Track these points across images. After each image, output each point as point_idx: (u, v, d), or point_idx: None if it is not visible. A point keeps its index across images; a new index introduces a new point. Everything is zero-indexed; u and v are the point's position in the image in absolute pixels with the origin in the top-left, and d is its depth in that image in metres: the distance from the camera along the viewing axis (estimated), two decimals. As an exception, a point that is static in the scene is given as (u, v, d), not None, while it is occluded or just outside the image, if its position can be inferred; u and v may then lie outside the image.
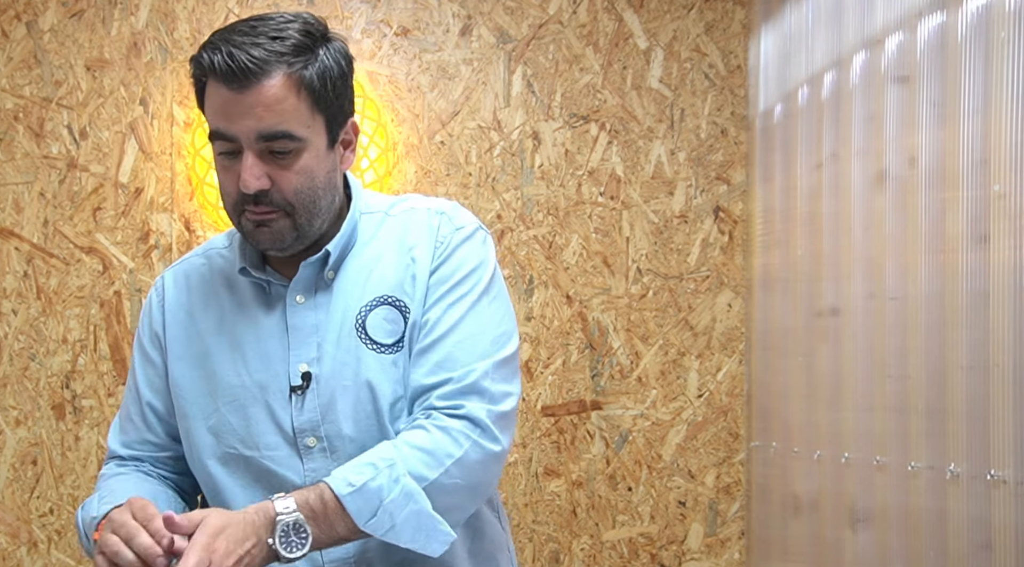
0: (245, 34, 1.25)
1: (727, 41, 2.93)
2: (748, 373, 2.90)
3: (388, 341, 1.30)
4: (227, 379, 1.34)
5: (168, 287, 1.43)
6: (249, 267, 1.35)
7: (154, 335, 1.42)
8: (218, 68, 1.22)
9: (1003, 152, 1.70)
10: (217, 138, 1.26)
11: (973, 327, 1.78)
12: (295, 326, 1.33)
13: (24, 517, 2.79)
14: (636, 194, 2.90)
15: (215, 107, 1.25)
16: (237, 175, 1.26)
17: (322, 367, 1.30)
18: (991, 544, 1.74)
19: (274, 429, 1.31)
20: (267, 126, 1.24)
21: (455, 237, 1.34)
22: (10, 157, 2.81)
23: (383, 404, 1.30)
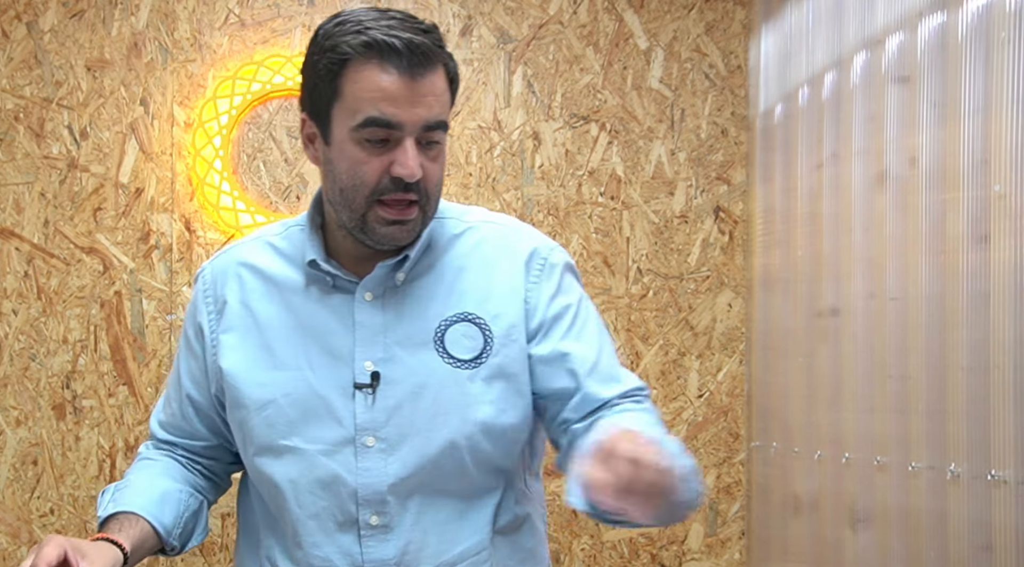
0: (399, 21, 1.24)
1: (727, 41, 2.93)
2: (748, 373, 2.90)
3: (466, 357, 1.31)
4: (287, 371, 1.32)
5: (217, 278, 1.41)
6: (319, 260, 1.33)
7: (198, 327, 1.40)
8: (398, 50, 1.20)
9: (1004, 152, 1.70)
10: (374, 125, 1.22)
11: (974, 327, 1.78)
12: (362, 323, 1.32)
13: (24, 517, 2.79)
14: (636, 194, 2.90)
15: (382, 92, 1.22)
16: (383, 164, 1.24)
17: (390, 369, 1.30)
18: (991, 545, 1.74)
19: (332, 424, 1.30)
20: (434, 116, 1.24)
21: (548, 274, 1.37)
22: (10, 157, 2.81)
23: (451, 416, 1.30)
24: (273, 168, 2.85)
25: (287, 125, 2.86)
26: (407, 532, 1.30)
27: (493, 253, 1.36)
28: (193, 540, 1.40)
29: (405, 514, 1.30)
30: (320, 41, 1.27)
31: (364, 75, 1.22)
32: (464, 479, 1.32)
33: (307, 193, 2.86)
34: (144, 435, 2.80)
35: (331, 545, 1.30)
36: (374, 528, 1.30)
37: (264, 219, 2.81)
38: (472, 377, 1.30)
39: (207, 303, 1.40)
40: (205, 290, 1.41)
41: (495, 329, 1.32)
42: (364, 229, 1.28)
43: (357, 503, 1.30)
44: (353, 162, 1.25)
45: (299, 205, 2.85)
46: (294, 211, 2.84)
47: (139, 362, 2.81)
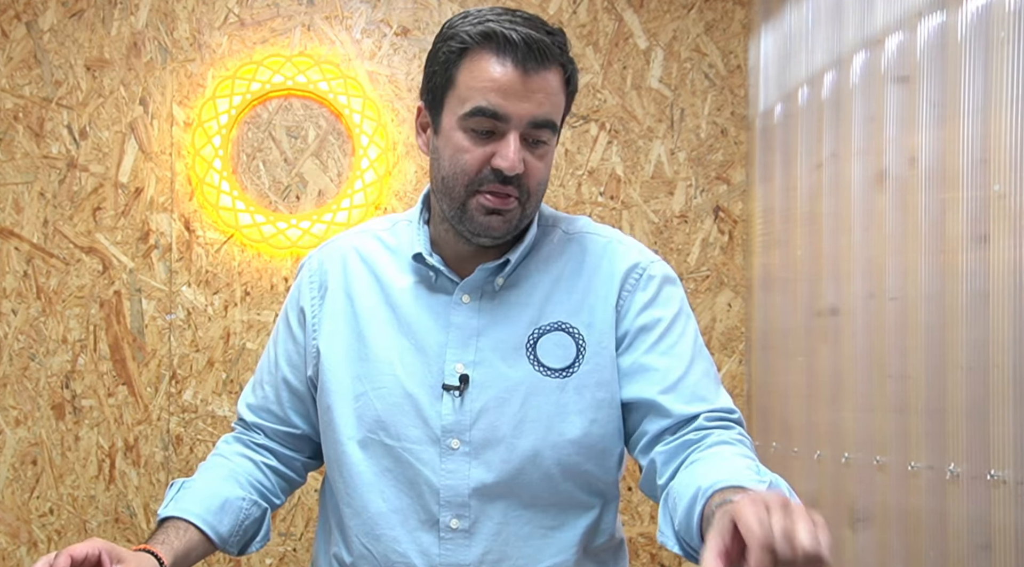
0: (523, 19, 1.25)
1: (727, 41, 2.93)
2: (748, 373, 2.90)
3: (557, 366, 1.30)
4: (378, 365, 1.33)
5: (323, 265, 1.41)
6: (425, 254, 1.33)
7: (300, 311, 1.41)
8: (516, 44, 1.21)
9: (1003, 152, 1.70)
10: (481, 114, 1.23)
11: (973, 327, 1.78)
12: (457, 325, 1.32)
13: (24, 517, 2.79)
14: (636, 194, 2.90)
15: (493, 82, 1.22)
16: (485, 154, 1.24)
17: (481, 373, 1.30)
18: (991, 544, 1.74)
19: (418, 423, 1.30)
20: (543, 113, 1.24)
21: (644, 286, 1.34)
22: (10, 157, 2.81)
23: (538, 425, 1.29)
24: (272, 168, 2.85)
25: (286, 125, 2.86)
26: (487, 540, 1.29)
27: (593, 264, 1.35)
28: (253, 546, 1.41)
29: (487, 521, 1.29)
30: (444, 31, 1.29)
31: (478, 64, 1.24)
32: (554, 492, 1.30)
33: (306, 192, 2.86)
34: (143, 435, 2.81)
35: (410, 542, 1.30)
36: (454, 531, 1.29)
37: (263, 219, 2.81)
38: (562, 386, 1.30)
39: (311, 287, 1.41)
40: (311, 275, 1.42)
41: (588, 339, 1.31)
42: (463, 218, 1.28)
43: (439, 504, 1.29)
44: (457, 150, 1.26)
45: (298, 205, 2.85)
46: (293, 211, 2.84)
47: (138, 362, 2.81)
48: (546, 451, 1.29)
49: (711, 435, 1.25)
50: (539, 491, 1.30)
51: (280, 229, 2.82)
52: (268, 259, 2.83)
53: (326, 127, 2.86)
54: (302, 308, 1.41)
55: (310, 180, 2.86)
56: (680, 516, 1.14)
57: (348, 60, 2.86)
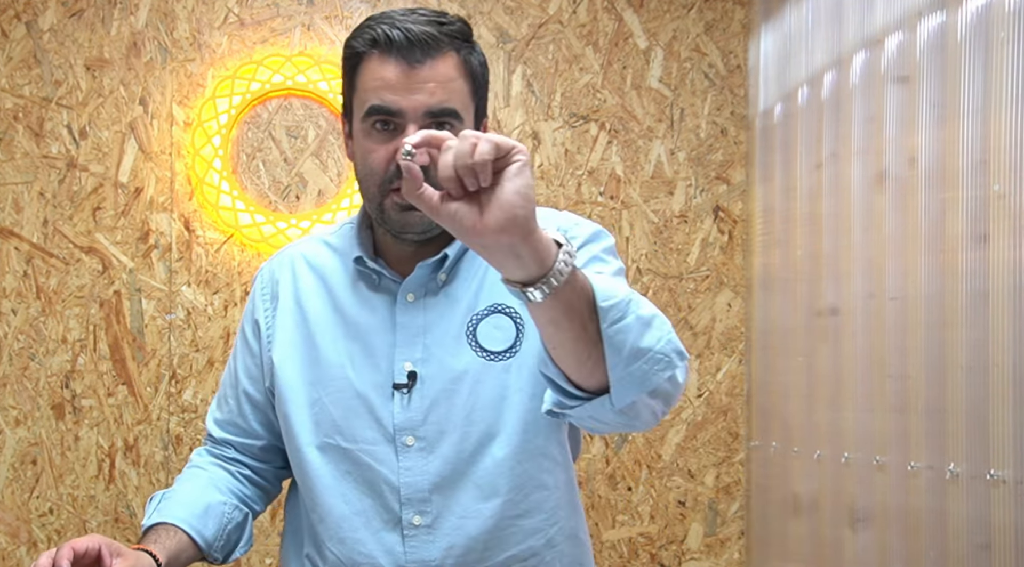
0: (410, 14, 1.27)
1: (727, 41, 2.93)
2: (748, 373, 2.90)
3: (499, 348, 1.31)
4: (330, 370, 1.34)
5: (274, 275, 1.44)
6: (366, 257, 1.35)
7: (255, 323, 1.43)
8: (396, 41, 1.24)
9: (1003, 152, 1.70)
10: (378, 113, 1.26)
11: (973, 327, 1.78)
12: (403, 324, 1.33)
13: (24, 517, 2.79)
14: (636, 194, 2.90)
15: (382, 81, 1.26)
16: (389, 152, 1.26)
17: (427, 368, 1.31)
18: (991, 544, 1.74)
19: (372, 424, 1.32)
20: (437, 102, 1.25)
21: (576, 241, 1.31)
22: (10, 157, 2.81)
23: (488, 410, 1.30)
24: (272, 167, 2.85)
25: (286, 125, 2.86)
26: (451, 534, 1.29)
27: None
28: (237, 551, 1.42)
29: (450, 516, 1.30)
30: (347, 41, 1.33)
31: (369, 67, 1.27)
32: (513, 477, 1.31)
33: (306, 192, 2.86)
34: (143, 435, 2.80)
35: (375, 543, 1.30)
36: (417, 528, 1.30)
37: (263, 218, 2.81)
38: (507, 368, 1.30)
39: (264, 299, 1.43)
40: (263, 287, 1.44)
41: (525, 315, 1.31)
42: (383, 218, 1.30)
43: (400, 502, 1.30)
44: (364, 152, 1.29)
45: (298, 205, 2.85)
46: (293, 211, 2.84)
47: (138, 362, 2.81)
48: (498, 434, 1.30)
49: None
50: (499, 479, 1.30)
51: (280, 229, 2.82)
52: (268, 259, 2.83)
53: (326, 127, 2.86)
54: (256, 320, 1.43)
55: (310, 180, 2.86)
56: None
57: (348, 60, 2.86)
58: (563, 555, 1.36)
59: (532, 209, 0.93)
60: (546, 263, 0.96)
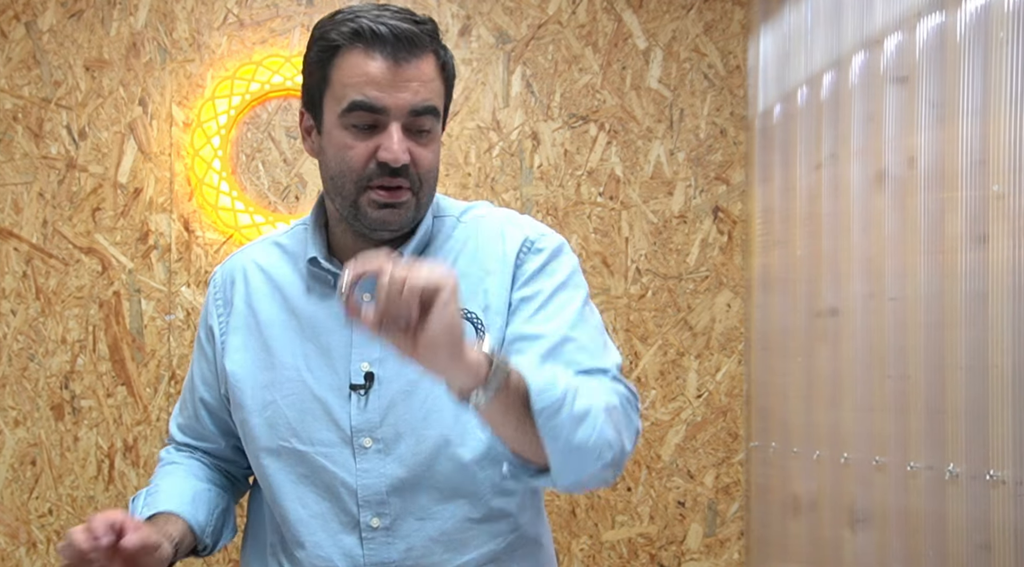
0: (384, 11, 1.26)
1: (726, 41, 2.93)
2: (747, 373, 2.90)
3: None
4: (285, 372, 1.33)
5: (225, 280, 1.42)
6: (320, 257, 1.33)
7: (208, 329, 1.42)
8: (382, 37, 1.23)
9: (1002, 152, 1.70)
10: (360, 109, 1.24)
11: (972, 327, 1.79)
12: (360, 324, 1.31)
13: (23, 518, 2.79)
14: (635, 194, 2.90)
15: (366, 77, 1.24)
16: (369, 149, 1.25)
17: (385, 369, 1.29)
18: (990, 544, 1.74)
19: (330, 426, 1.30)
20: (421, 100, 1.25)
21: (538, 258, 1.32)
22: (9, 157, 2.81)
23: (444, 413, 1.29)
24: (272, 168, 2.85)
25: (286, 125, 2.85)
26: (409, 536, 1.29)
27: (487, 246, 1.34)
28: (224, 539, 1.41)
29: (408, 517, 1.29)
30: (314, 33, 1.31)
31: (350, 61, 1.25)
32: (473, 482, 1.30)
33: (305, 193, 2.86)
34: (142, 435, 2.80)
35: (333, 546, 1.30)
36: (375, 530, 1.29)
37: (263, 219, 2.81)
38: None
39: (217, 305, 1.42)
40: (215, 292, 1.42)
41: (487, 322, 1.30)
42: (357, 215, 1.28)
43: (358, 504, 1.29)
44: (340, 148, 1.26)
45: (298, 205, 2.85)
46: (293, 211, 2.84)
47: (138, 362, 2.81)
48: (455, 439, 1.29)
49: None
50: (459, 482, 1.29)
51: (279, 229, 2.81)
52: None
53: (325, 127, 2.86)
54: (210, 326, 1.41)
55: (309, 180, 2.86)
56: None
57: (347, 60, 2.86)
58: (524, 559, 1.35)
59: (457, 338, 1.03)
60: (479, 376, 1.07)
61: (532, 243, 1.33)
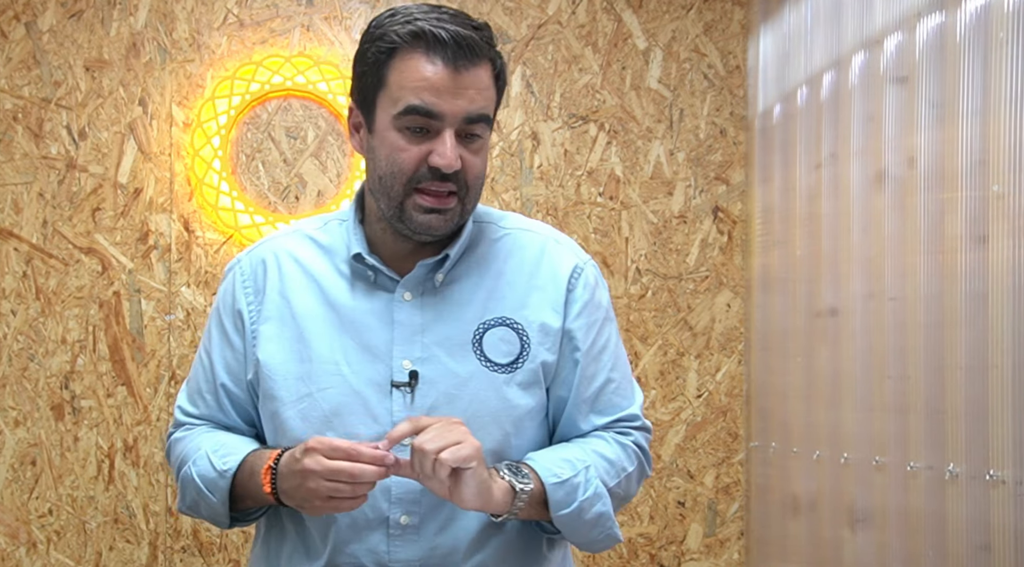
0: (450, 16, 1.26)
1: (726, 41, 2.93)
2: (747, 373, 2.90)
3: (503, 361, 1.32)
4: (322, 365, 1.32)
5: (255, 267, 1.40)
6: (364, 253, 1.33)
7: (236, 315, 1.39)
8: (444, 42, 1.23)
9: (1002, 152, 1.70)
10: (416, 113, 1.24)
11: (972, 327, 1.79)
12: (401, 322, 1.32)
13: (23, 518, 2.79)
14: (635, 194, 2.90)
15: (425, 81, 1.24)
16: (422, 152, 1.25)
17: (428, 369, 1.30)
18: (990, 545, 1.74)
19: (367, 421, 1.30)
20: (476, 108, 1.25)
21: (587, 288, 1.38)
22: (9, 158, 2.81)
23: (487, 419, 1.30)
24: (272, 168, 2.85)
25: (286, 125, 2.86)
26: (436, 535, 1.30)
27: (533, 261, 1.37)
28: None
29: (436, 517, 1.29)
30: (371, 31, 1.29)
31: (409, 64, 1.25)
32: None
33: (305, 193, 2.86)
34: (142, 435, 2.80)
35: (359, 543, 1.29)
36: (404, 528, 1.29)
37: (263, 219, 2.81)
38: (508, 381, 1.31)
39: (246, 292, 1.39)
40: (243, 279, 1.40)
41: (532, 336, 1.33)
42: (402, 217, 1.29)
43: (390, 501, 1.29)
44: (393, 149, 1.27)
45: (297, 205, 2.85)
46: (293, 211, 2.84)
47: (138, 362, 2.81)
48: (493, 444, 1.30)
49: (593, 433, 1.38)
50: None
51: (279, 230, 2.81)
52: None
53: (325, 128, 2.86)
54: (239, 311, 1.38)
55: (309, 181, 2.86)
56: None
57: (347, 61, 2.86)
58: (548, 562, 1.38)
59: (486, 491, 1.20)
60: (506, 504, 1.24)
61: (581, 270, 1.38)
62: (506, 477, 1.24)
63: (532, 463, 1.28)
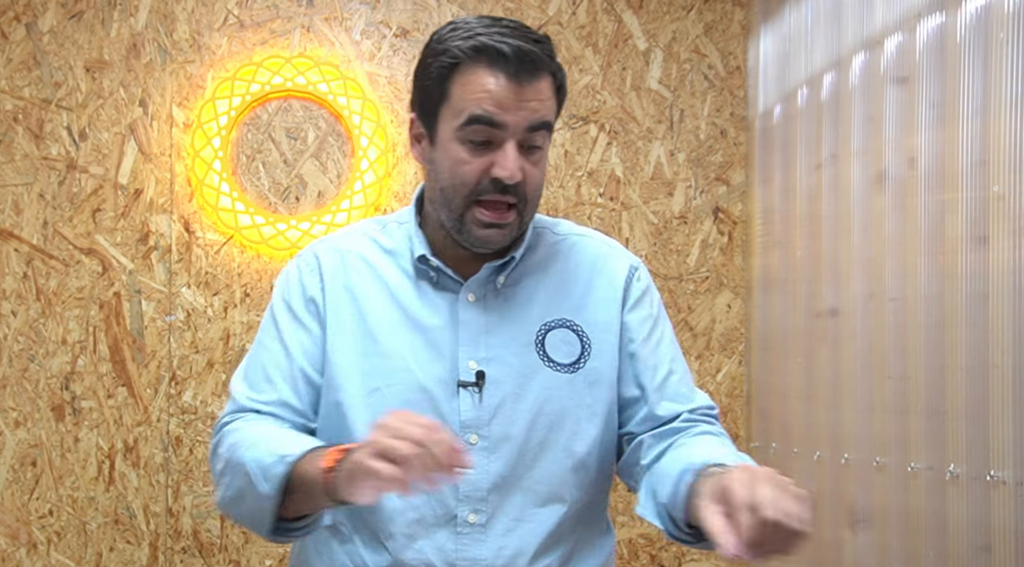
0: (511, 29, 1.28)
1: (726, 42, 2.93)
2: (748, 374, 2.90)
3: (565, 361, 1.35)
4: (391, 361, 1.33)
5: (320, 260, 1.40)
6: (429, 255, 1.36)
7: (310, 301, 1.38)
8: (506, 56, 1.25)
9: (1002, 153, 1.70)
10: (479, 123, 1.26)
11: (972, 328, 1.79)
12: (466, 322, 1.34)
13: (23, 518, 2.79)
14: (635, 195, 2.90)
15: (488, 94, 1.25)
16: (484, 164, 1.27)
17: (494, 369, 1.32)
18: (990, 545, 1.74)
19: (435, 419, 1.26)
20: (538, 118, 1.27)
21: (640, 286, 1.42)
22: (9, 158, 2.81)
23: (552, 417, 1.33)
24: (272, 169, 2.85)
25: (286, 126, 2.86)
26: (503, 535, 1.31)
27: (590, 265, 1.41)
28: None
29: (503, 517, 1.31)
30: (433, 45, 1.31)
31: (472, 78, 1.27)
32: (567, 486, 1.34)
33: (305, 194, 2.86)
34: (143, 436, 2.80)
35: (426, 540, 1.30)
36: (471, 526, 1.30)
37: (263, 220, 2.81)
38: (571, 381, 1.34)
39: (314, 279, 1.39)
40: (311, 270, 1.39)
41: (592, 337, 1.36)
42: (461, 229, 1.31)
43: (457, 499, 1.30)
44: (455, 161, 1.29)
45: (298, 206, 2.85)
46: (293, 212, 2.84)
47: (138, 363, 2.81)
48: (559, 443, 1.33)
49: (697, 427, 1.37)
50: (556, 486, 1.33)
51: (280, 230, 2.82)
52: (268, 260, 2.83)
53: (325, 128, 2.86)
54: (312, 299, 1.38)
55: (310, 181, 2.86)
56: (667, 489, 1.25)
57: (348, 61, 2.87)
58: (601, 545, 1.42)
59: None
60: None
61: (636, 270, 1.42)
62: None
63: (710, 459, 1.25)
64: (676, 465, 1.25)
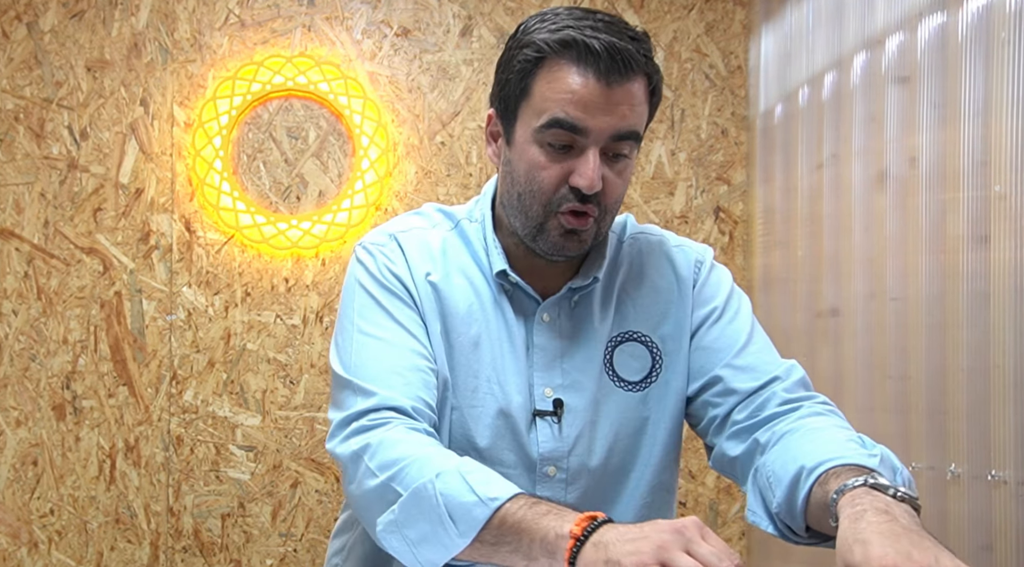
0: (604, 23, 1.16)
1: (727, 41, 2.93)
2: (748, 373, 2.89)
3: (634, 378, 1.26)
4: (469, 381, 1.22)
5: (408, 249, 1.26)
6: (509, 270, 1.24)
7: (404, 289, 1.23)
8: (597, 54, 1.13)
9: (1003, 153, 1.70)
10: (559, 127, 1.15)
11: (974, 328, 1.78)
12: (541, 346, 1.24)
13: (24, 518, 2.79)
14: (636, 194, 2.90)
15: (572, 95, 1.14)
16: (563, 171, 1.17)
17: (571, 397, 1.23)
18: (992, 545, 1.73)
19: (515, 448, 1.22)
20: (626, 125, 1.16)
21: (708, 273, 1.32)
22: (11, 158, 2.81)
23: (627, 442, 1.25)
24: (273, 168, 2.85)
25: (287, 125, 2.86)
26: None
27: (653, 266, 1.31)
28: None
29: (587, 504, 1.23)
30: (519, 36, 1.21)
31: (557, 75, 1.16)
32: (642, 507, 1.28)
33: (306, 193, 2.86)
34: (144, 435, 2.80)
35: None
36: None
37: (264, 219, 2.81)
38: (644, 399, 1.26)
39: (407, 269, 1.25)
40: (403, 258, 1.26)
41: (663, 346, 1.27)
42: (538, 237, 1.21)
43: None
44: (532, 166, 1.18)
45: (299, 206, 2.85)
46: (294, 211, 2.84)
47: (139, 362, 2.81)
48: (636, 469, 1.26)
49: (801, 407, 1.23)
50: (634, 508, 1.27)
51: (281, 230, 2.82)
52: (269, 260, 2.83)
53: (326, 128, 2.86)
54: (408, 287, 1.24)
55: (310, 181, 2.86)
56: (780, 496, 1.11)
57: (349, 61, 2.87)
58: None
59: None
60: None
61: (701, 262, 1.32)
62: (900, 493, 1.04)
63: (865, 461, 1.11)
64: (788, 467, 1.10)
